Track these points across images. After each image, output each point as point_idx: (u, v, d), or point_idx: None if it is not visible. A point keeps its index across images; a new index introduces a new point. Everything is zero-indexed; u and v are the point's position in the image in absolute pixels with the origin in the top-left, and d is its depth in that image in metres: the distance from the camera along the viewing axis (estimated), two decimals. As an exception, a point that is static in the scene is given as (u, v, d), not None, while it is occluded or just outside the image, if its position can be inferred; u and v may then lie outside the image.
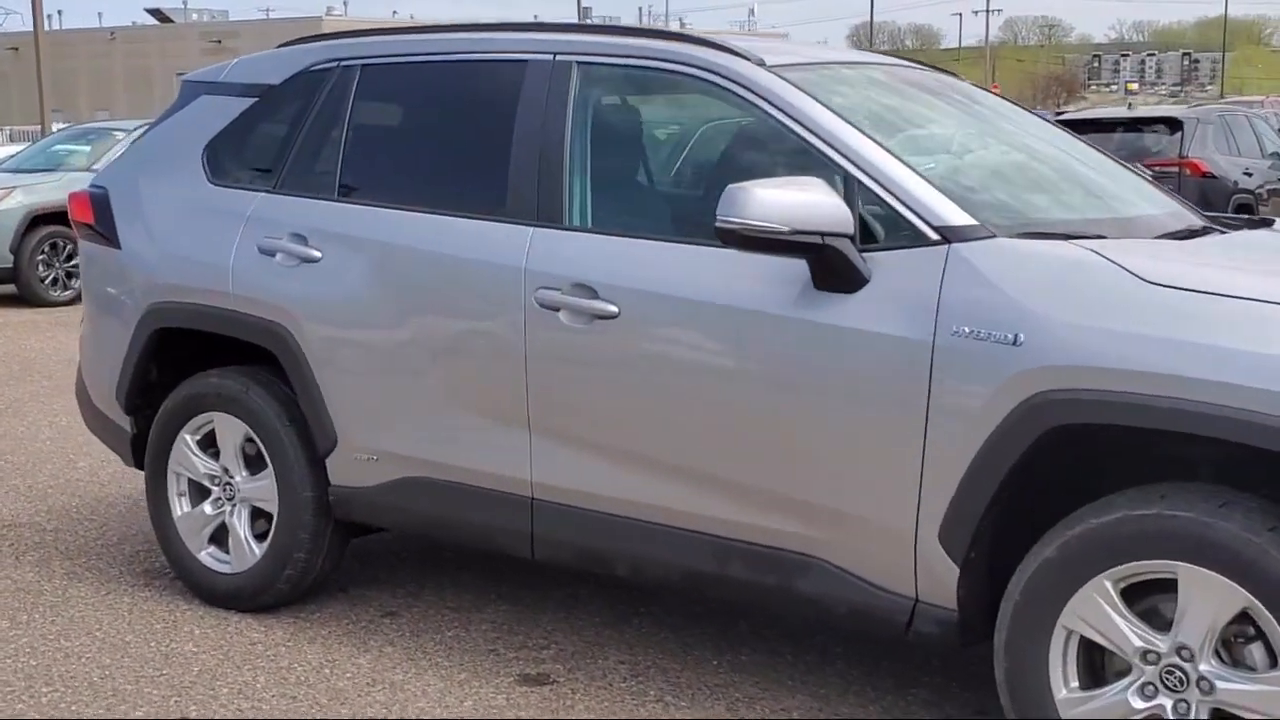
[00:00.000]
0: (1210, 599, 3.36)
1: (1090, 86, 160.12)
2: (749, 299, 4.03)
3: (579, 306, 4.32)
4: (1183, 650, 3.44)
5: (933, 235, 3.83)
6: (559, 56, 4.61)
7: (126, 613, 5.28)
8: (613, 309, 4.25)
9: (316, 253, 4.91)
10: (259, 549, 5.17)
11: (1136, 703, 3.51)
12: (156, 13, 72.76)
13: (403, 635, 5.05)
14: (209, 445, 5.32)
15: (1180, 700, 3.46)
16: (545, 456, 4.48)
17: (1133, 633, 3.50)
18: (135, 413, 5.51)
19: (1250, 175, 16.20)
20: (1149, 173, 5.45)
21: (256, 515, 5.24)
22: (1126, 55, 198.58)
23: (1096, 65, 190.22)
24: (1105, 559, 3.51)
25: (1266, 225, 4.62)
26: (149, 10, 73.29)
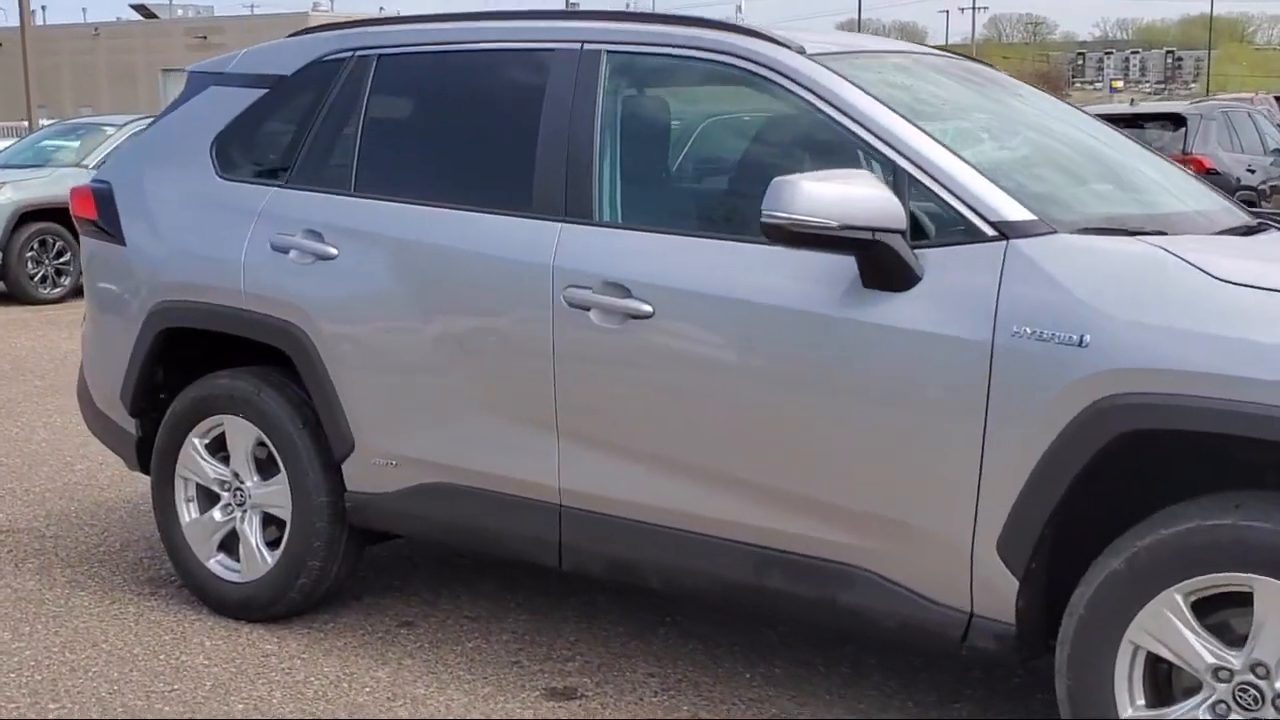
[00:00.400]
0: (1289, 614, 3.20)
1: (1075, 84, 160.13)
2: (792, 298, 3.85)
3: (611, 306, 4.13)
4: (1258, 667, 3.27)
5: (989, 231, 3.65)
6: (587, 45, 4.42)
7: (133, 623, 5.08)
8: (647, 308, 4.07)
9: (333, 250, 4.72)
10: (271, 557, 4.98)
11: (1208, 721, 3.34)
12: (141, 8, 72.32)
13: (421, 647, 4.86)
14: (218, 449, 5.12)
15: (1254, 719, 3.29)
16: (574, 462, 4.30)
17: (1205, 649, 3.33)
18: (141, 415, 5.31)
19: (1253, 172, 16.09)
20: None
21: (268, 522, 5.05)
22: (1111, 53, 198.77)
23: (1081, 63, 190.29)
24: (1176, 571, 3.34)
25: None
26: (133, 6, 72.85)
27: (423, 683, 4.56)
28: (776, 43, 4.15)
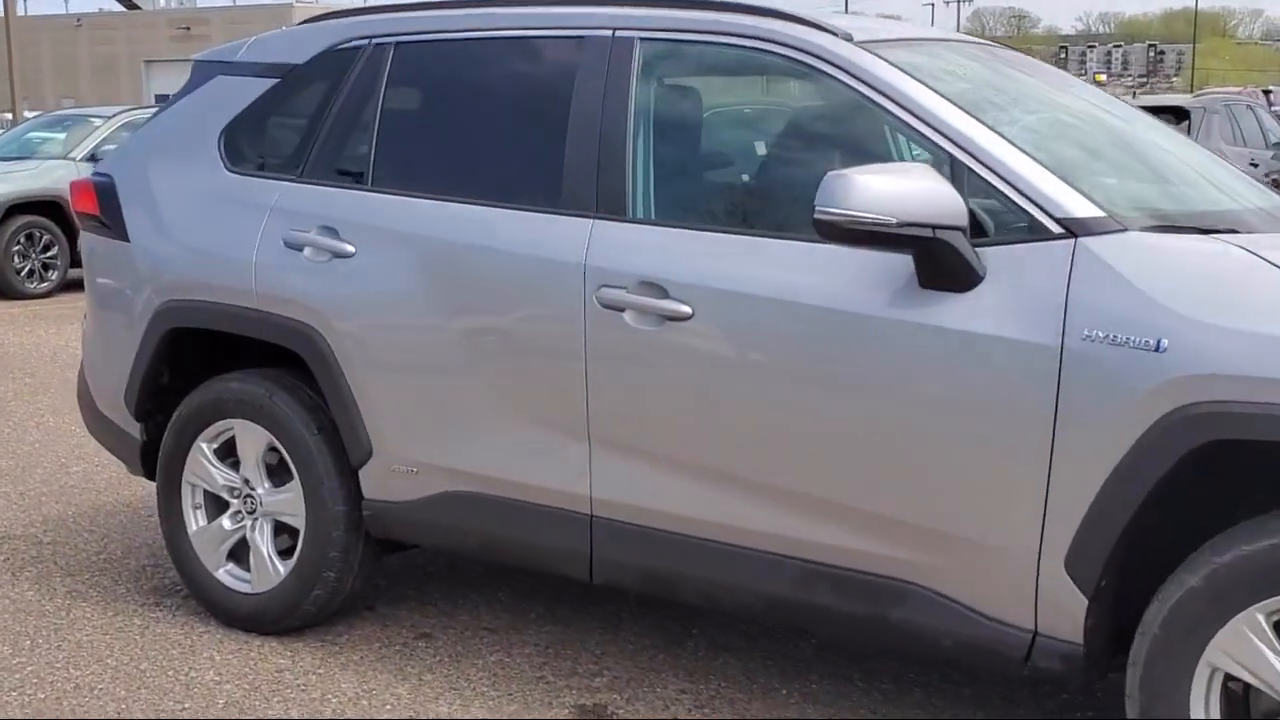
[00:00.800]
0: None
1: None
2: (842, 299, 3.64)
3: (647, 306, 3.93)
4: (1347, 692, 3.08)
5: (1054, 228, 3.45)
6: (619, 32, 4.21)
7: (138, 636, 4.87)
8: (685, 309, 3.86)
9: (349, 247, 4.50)
10: (283, 567, 4.77)
11: (1292, 748, 3.16)
12: (123, -1, 71.79)
13: (441, 661, 4.66)
14: (227, 454, 4.91)
15: (1341, 746, 3.11)
16: (606, 471, 4.09)
17: (1289, 671, 3.14)
18: (146, 419, 5.08)
19: (1256, 165, 15.94)
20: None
21: (279, 530, 4.84)
22: (1093, 46, 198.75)
23: (1064, 56, 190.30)
24: (1259, 589, 3.15)
25: None
26: (115, -4, 72.30)
27: (445, 700, 4.35)
28: (822, 29, 3.94)
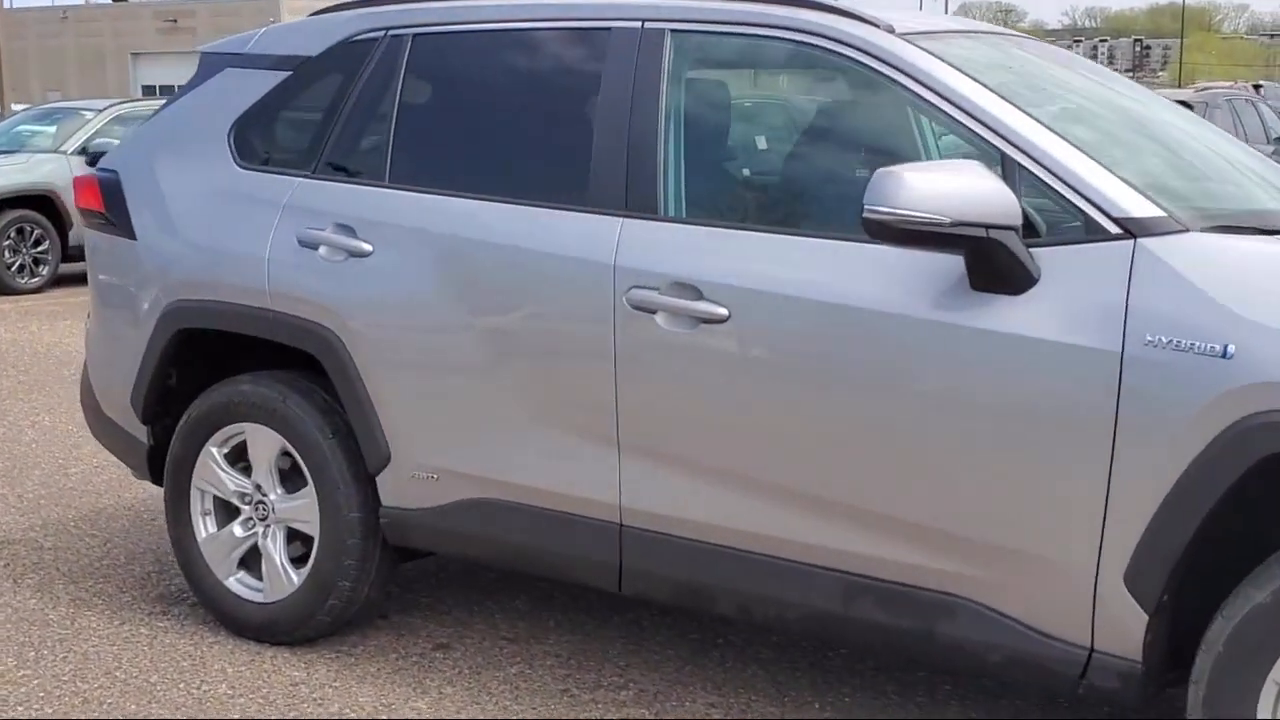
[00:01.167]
0: None
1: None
2: (888, 301, 3.50)
3: (681, 308, 3.78)
4: None
5: (1112, 229, 3.31)
6: (648, 23, 4.05)
7: (146, 647, 4.71)
8: (721, 311, 3.72)
9: (366, 245, 4.35)
10: (297, 576, 4.61)
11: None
12: (109, -8, 71.42)
13: (461, 673, 4.51)
14: (238, 459, 4.75)
15: None
16: (636, 478, 3.95)
17: (1362, 692, 3.01)
18: (153, 422, 4.92)
19: (1257, 160, 15.83)
20: None
21: (291, 537, 4.68)
22: (1079, 40, 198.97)
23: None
24: (1331, 606, 3.01)
25: None
26: (101, -11, 71.94)
27: (467, 714, 4.21)
28: (863, 20, 3.79)
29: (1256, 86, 35.70)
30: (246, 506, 4.71)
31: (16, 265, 14.28)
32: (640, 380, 3.89)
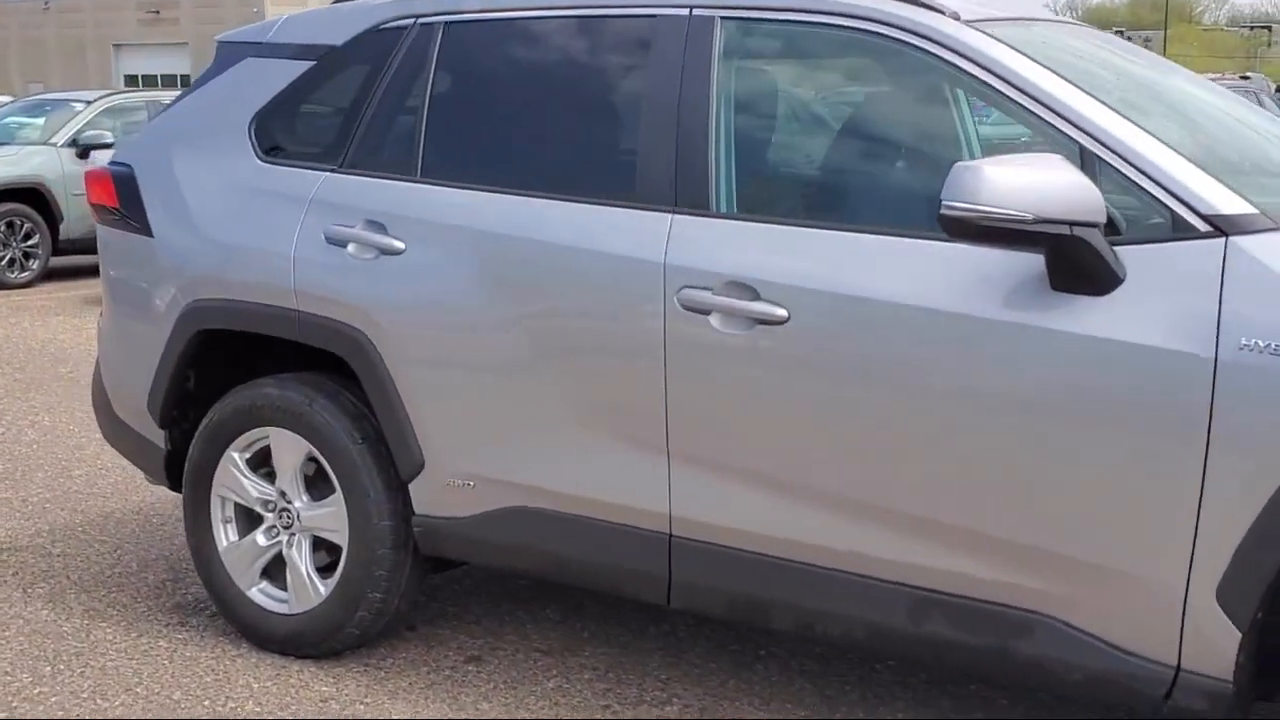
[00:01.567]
0: None
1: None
2: (960, 301, 3.33)
3: (736, 309, 3.60)
4: None
5: (1201, 226, 3.14)
6: (696, 11, 3.87)
7: (166, 661, 4.52)
8: (780, 312, 3.54)
9: (399, 243, 4.16)
10: (324, 586, 4.43)
11: None
12: (90, -18, 70.74)
13: (496, 687, 4.33)
14: (260, 465, 4.56)
15: None
16: (688, 487, 3.77)
17: None
18: (170, 426, 4.73)
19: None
20: None
21: (316, 546, 4.50)
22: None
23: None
24: None
25: None
26: (82, -20, 71.24)
27: (506, 732, 4.04)
28: (927, 6, 3.61)
29: (1244, 77, 35.55)
30: (270, 514, 4.53)
31: (6, 260, 14.06)
32: (692, 384, 3.71)
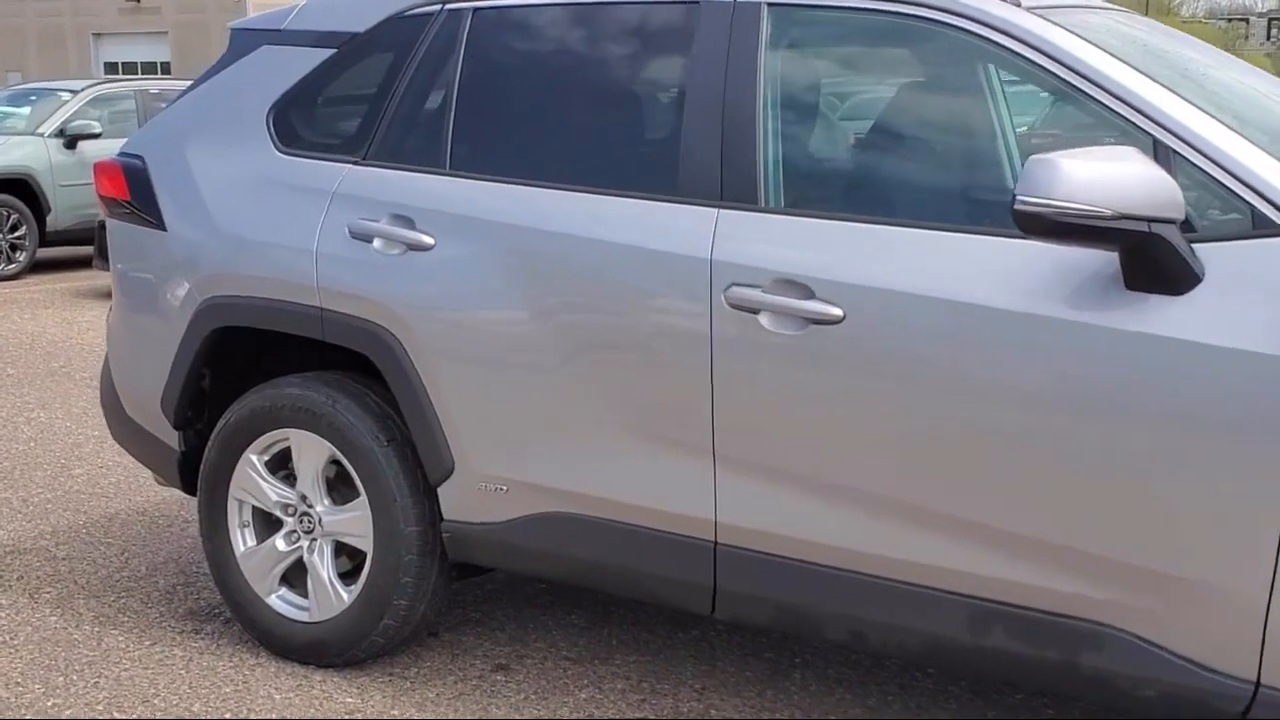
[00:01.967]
0: None
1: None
2: (1026, 301, 3.18)
3: (788, 308, 3.45)
4: None
5: (1284, 222, 3.01)
6: (740, -3, 3.72)
7: (183, 670, 4.36)
8: (836, 311, 3.39)
9: (428, 239, 4.00)
10: (347, 593, 4.27)
11: None
12: (68, -29, 70.25)
13: (527, 698, 4.18)
14: (279, 467, 4.41)
15: None
16: (735, 492, 3.62)
17: None
18: (185, 427, 4.57)
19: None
20: None
21: (338, 551, 4.34)
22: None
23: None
24: None
25: None
26: (60, -32, 70.76)
27: (542, 746, 3.89)
28: None
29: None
30: (290, 518, 4.37)
31: (-7, 251, 13.85)
32: (740, 386, 3.56)
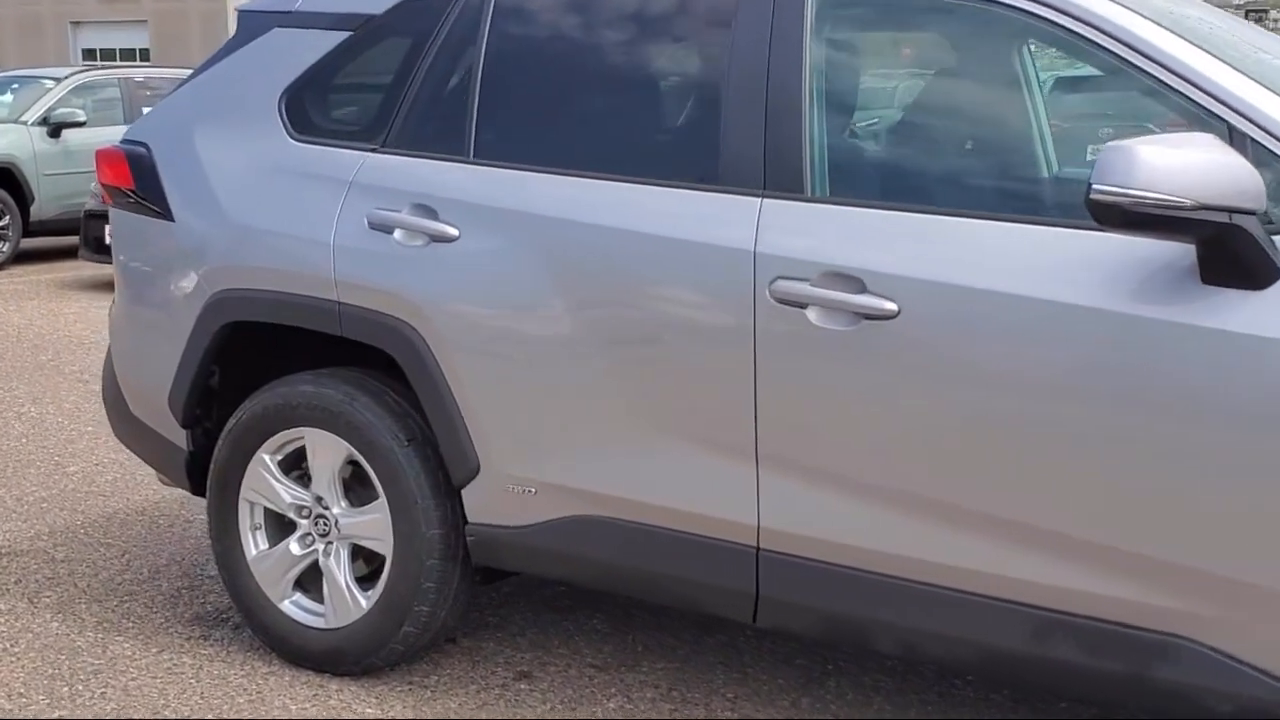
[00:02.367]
0: None
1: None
2: (1094, 295, 3.02)
3: (838, 303, 3.29)
4: None
5: (1369, 214, 2.85)
6: (784, -23, 3.55)
7: (193, 680, 4.18)
8: (890, 306, 3.23)
9: (452, 230, 3.83)
10: (364, 599, 4.10)
11: None
12: (46, -41, 69.76)
13: (553, 708, 4.01)
14: (293, 467, 4.23)
15: None
16: (779, 496, 3.45)
17: None
18: (194, 425, 4.39)
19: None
20: None
21: (355, 555, 4.17)
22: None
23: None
24: None
25: None
26: (37, -44, 70.26)
27: (573, 760, 3.73)
28: None
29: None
30: (304, 521, 4.19)
31: (-24, 242, 13.60)
32: (786, 384, 3.40)
